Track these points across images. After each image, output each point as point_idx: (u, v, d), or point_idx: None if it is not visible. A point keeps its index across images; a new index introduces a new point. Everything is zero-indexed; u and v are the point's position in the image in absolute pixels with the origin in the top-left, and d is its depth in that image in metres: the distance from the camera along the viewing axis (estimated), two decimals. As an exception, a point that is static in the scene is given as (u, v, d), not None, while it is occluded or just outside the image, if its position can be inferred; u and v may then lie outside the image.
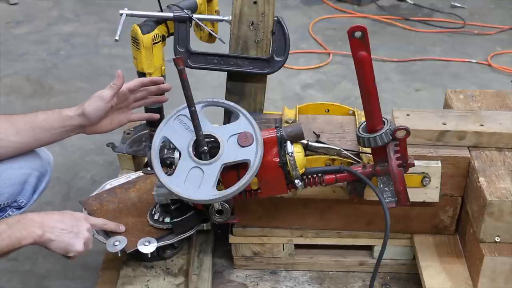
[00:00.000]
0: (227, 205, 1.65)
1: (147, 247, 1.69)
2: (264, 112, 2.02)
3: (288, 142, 1.57)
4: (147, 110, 1.99)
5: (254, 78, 1.96)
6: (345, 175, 1.61)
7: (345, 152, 1.69)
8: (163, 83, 1.82)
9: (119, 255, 1.70)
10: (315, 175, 1.61)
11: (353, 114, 1.94)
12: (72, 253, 1.55)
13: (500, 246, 1.62)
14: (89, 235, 1.60)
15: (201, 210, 1.70)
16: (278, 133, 1.57)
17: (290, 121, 1.85)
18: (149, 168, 1.86)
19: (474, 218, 1.68)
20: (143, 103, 1.82)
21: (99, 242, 1.72)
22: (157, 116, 1.89)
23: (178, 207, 1.70)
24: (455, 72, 3.68)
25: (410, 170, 1.58)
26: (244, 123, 1.59)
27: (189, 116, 1.55)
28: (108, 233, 1.73)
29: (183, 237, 1.74)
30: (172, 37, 1.97)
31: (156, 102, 1.86)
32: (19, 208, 1.73)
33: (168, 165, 1.59)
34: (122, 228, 1.73)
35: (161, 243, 1.71)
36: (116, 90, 1.68)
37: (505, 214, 1.58)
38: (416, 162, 1.61)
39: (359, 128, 1.57)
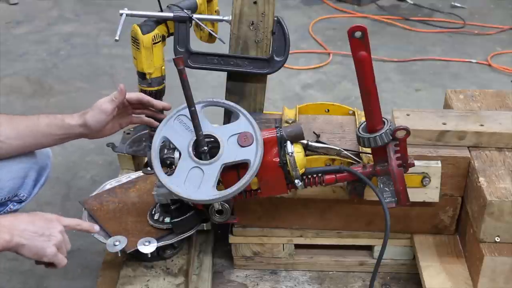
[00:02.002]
0: (227, 205, 1.65)
1: (147, 247, 1.69)
2: (264, 112, 2.02)
3: (288, 142, 1.57)
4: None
5: (254, 78, 1.96)
6: (345, 175, 1.61)
7: (345, 152, 1.69)
8: (162, 108, 1.82)
9: (119, 255, 1.70)
10: (315, 175, 1.61)
11: (353, 114, 1.94)
12: (45, 258, 1.44)
13: (500, 246, 1.62)
14: (62, 237, 1.48)
15: (201, 210, 1.70)
16: (278, 133, 1.57)
17: (290, 121, 1.85)
18: (149, 168, 1.86)
19: (474, 218, 1.68)
20: (140, 112, 1.83)
21: (99, 242, 1.72)
22: (156, 123, 1.89)
23: (178, 207, 1.70)
24: (455, 72, 3.68)
25: (410, 170, 1.58)
26: (244, 123, 1.59)
27: (189, 116, 1.55)
28: (108, 233, 1.73)
29: (183, 237, 1.74)
30: (172, 37, 1.97)
31: (153, 116, 1.86)
32: (20, 202, 1.74)
33: (168, 165, 1.59)
34: (96, 228, 1.63)
35: (161, 243, 1.71)
36: (117, 103, 1.70)
37: (505, 214, 1.58)
38: (416, 162, 1.61)
39: (359, 128, 1.57)
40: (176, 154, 1.58)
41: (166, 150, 1.59)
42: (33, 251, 1.43)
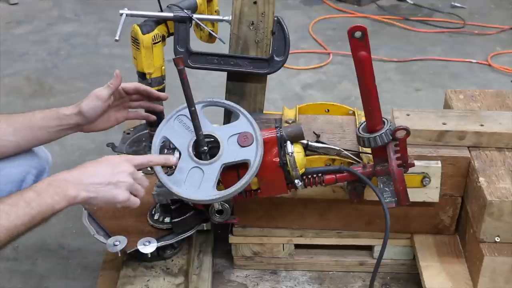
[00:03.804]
0: (227, 205, 1.65)
1: (147, 247, 1.68)
2: (264, 112, 2.02)
3: (288, 142, 1.57)
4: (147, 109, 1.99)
5: (254, 78, 1.96)
6: (345, 175, 1.61)
7: (345, 152, 1.69)
8: (158, 98, 1.82)
9: (119, 255, 1.70)
10: (315, 175, 1.61)
11: (353, 114, 1.94)
12: (118, 204, 1.46)
13: (500, 246, 1.62)
14: (131, 179, 1.47)
15: (201, 210, 1.70)
16: (278, 133, 1.57)
17: (290, 121, 1.85)
18: (149, 168, 1.86)
19: (474, 218, 1.68)
20: (138, 105, 1.82)
21: (99, 242, 1.72)
22: (153, 117, 1.89)
23: (178, 207, 1.70)
24: (455, 72, 3.68)
25: (410, 170, 1.58)
26: (244, 123, 1.59)
27: (189, 116, 1.55)
28: (108, 233, 1.73)
29: (183, 237, 1.74)
30: (172, 37, 1.97)
31: (151, 108, 1.86)
32: None
33: (168, 165, 1.59)
34: (172, 159, 1.55)
35: (161, 243, 1.71)
36: (113, 89, 1.69)
37: (505, 214, 1.58)
38: (416, 162, 1.61)
39: (359, 128, 1.57)
40: (176, 154, 1.58)
41: (166, 150, 1.59)
42: (103, 201, 1.44)
